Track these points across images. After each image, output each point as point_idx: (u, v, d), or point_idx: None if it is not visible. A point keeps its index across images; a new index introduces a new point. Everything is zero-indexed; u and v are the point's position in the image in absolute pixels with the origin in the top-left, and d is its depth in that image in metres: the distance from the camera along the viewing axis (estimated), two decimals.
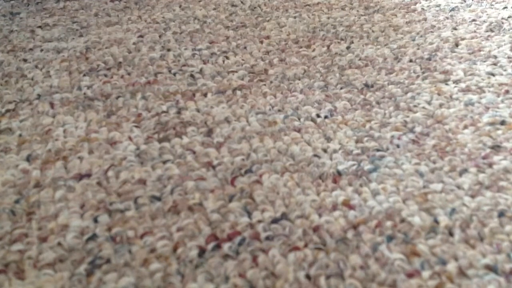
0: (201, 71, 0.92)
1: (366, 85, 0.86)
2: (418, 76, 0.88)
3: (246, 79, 0.89)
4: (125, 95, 0.85)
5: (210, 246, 0.57)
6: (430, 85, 0.85)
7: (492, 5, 1.15)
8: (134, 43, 1.03)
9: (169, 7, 1.22)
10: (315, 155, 0.70)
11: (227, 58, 0.96)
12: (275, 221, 0.60)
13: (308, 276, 0.53)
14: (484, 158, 0.68)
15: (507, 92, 0.82)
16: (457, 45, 0.98)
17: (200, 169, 0.68)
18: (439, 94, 0.82)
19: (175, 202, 0.63)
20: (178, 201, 0.63)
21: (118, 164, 0.69)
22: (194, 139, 0.74)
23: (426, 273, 0.53)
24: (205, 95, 0.85)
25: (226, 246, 0.56)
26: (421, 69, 0.90)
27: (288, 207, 0.62)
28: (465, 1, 1.17)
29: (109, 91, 0.87)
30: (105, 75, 0.92)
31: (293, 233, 0.58)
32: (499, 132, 0.73)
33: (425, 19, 1.09)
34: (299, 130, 0.75)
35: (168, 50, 1.00)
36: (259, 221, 0.60)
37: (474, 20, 1.08)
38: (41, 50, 1.02)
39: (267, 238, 0.57)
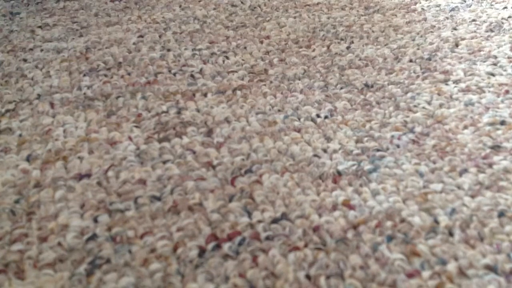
0: (201, 71, 0.92)
1: (366, 85, 0.86)
2: (418, 76, 0.88)
3: (246, 79, 0.89)
4: (125, 95, 0.85)
5: (210, 246, 0.57)
6: (430, 85, 0.85)
7: (492, 5, 1.15)
8: (134, 43, 1.03)
9: (169, 7, 1.22)
10: (315, 155, 0.70)
11: (227, 58, 0.96)
12: (275, 221, 0.60)
13: (308, 276, 0.53)
14: (484, 158, 0.68)
15: (507, 92, 0.82)
16: (457, 45, 0.98)
17: (200, 169, 0.68)
18: (439, 94, 0.82)
19: (175, 202, 0.63)
20: (178, 201, 0.63)
21: (118, 164, 0.69)
22: (194, 139, 0.74)
23: (426, 273, 0.53)
24: (205, 95, 0.85)
25: (226, 246, 0.56)
26: (421, 69, 0.90)
27: (288, 207, 0.62)
28: (465, 1, 1.17)
29: (109, 91, 0.87)
30: (105, 75, 0.92)
31: (293, 233, 0.58)
32: (499, 132, 0.73)
33: (425, 19, 1.09)
34: (299, 130, 0.75)
35: (168, 50, 1.00)
36: (259, 221, 0.60)
37: (474, 20, 1.08)
38: (41, 50, 1.02)
39: (267, 238, 0.57)
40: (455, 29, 1.04)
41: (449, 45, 0.97)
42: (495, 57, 0.93)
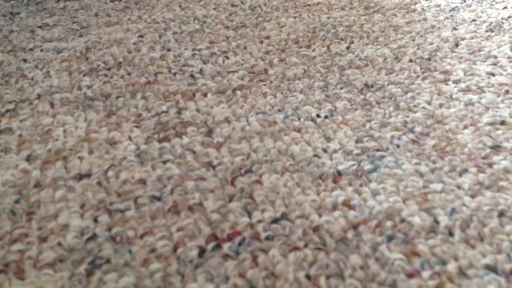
0: (201, 71, 0.92)
1: (366, 85, 0.86)
2: (418, 76, 0.88)
3: (246, 79, 0.89)
4: (125, 95, 0.85)
5: (210, 246, 0.57)
6: (430, 85, 0.85)
7: (492, 5, 1.15)
8: (134, 43, 1.03)
9: (169, 7, 1.22)
10: (315, 155, 0.70)
11: (227, 58, 0.96)
12: (275, 221, 0.60)
13: (308, 276, 0.53)
14: (484, 158, 0.68)
15: (507, 92, 0.82)
16: (457, 45, 0.98)
17: (200, 169, 0.68)
18: (439, 94, 0.82)
19: (175, 202, 0.63)
20: (178, 201, 0.63)
21: (118, 164, 0.69)
22: (194, 139, 0.74)
23: (426, 273, 0.53)
24: (205, 95, 0.85)
25: (226, 246, 0.57)
26: (421, 69, 0.90)
27: (288, 207, 0.62)
28: (465, 1, 1.17)
29: (109, 91, 0.87)
30: (105, 75, 0.92)
31: (293, 233, 0.58)
32: (499, 132, 0.73)
33: (425, 19, 1.09)
34: (299, 130, 0.75)
35: (168, 50, 1.00)
36: (259, 221, 0.60)
37: (474, 20, 1.08)
38: (41, 50, 1.02)
39: (267, 238, 0.57)
40: (455, 29, 1.04)
41: (449, 45, 0.97)
42: (495, 57, 0.93)
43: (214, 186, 0.65)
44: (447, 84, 0.85)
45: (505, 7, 1.13)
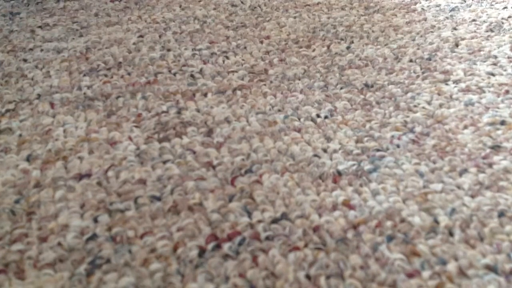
0: (201, 71, 0.92)
1: (366, 85, 0.86)
2: (418, 76, 0.88)
3: (246, 79, 0.89)
4: (125, 95, 0.85)
5: (210, 246, 0.57)
6: (430, 85, 0.85)
7: (492, 5, 1.15)
8: (134, 43, 1.03)
9: (169, 7, 1.22)
10: (315, 155, 0.70)
11: (227, 58, 0.96)
12: (275, 221, 0.60)
13: (308, 276, 0.53)
14: (484, 158, 0.68)
15: (507, 92, 0.82)
16: (457, 45, 0.98)
17: (200, 169, 0.68)
18: (439, 94, 0.82)
19: (175, 202, 0.63)
20: (178, 201, 0.63)
21: (118, 164, 0.69)
22: (194, 139, 0.74)
23: (426, 273, 0.53)
24: (205, 95, 0.85)
25: (226, 246, 0.57)
26: (421, 69, 0.90)
27: (288, 207, 0.62)
28: (465, 1, 1.17)
29: (109, 91, 0.87)
30: (105, 75, 0.92)
31: (293, 233, 0.58)
32: (499, 132, 0.73)
33: (425, 19, 1.09)
34: (299, 130, 0.75)
35: (168, 50, 1.00)
36: (259, 221, 0.60)
37: (474, 20, 1.08)
38: (41, 50, 1.02)
39: (267, 238, 0.57)
40: (455, 29, 1.04)
41: (449, 45, 0.97)
42: (495, 57, 0.93)
43: (214, 186, 0.65)
44: (447, 84, 0.85)
45: (505, 7, 1.13)
